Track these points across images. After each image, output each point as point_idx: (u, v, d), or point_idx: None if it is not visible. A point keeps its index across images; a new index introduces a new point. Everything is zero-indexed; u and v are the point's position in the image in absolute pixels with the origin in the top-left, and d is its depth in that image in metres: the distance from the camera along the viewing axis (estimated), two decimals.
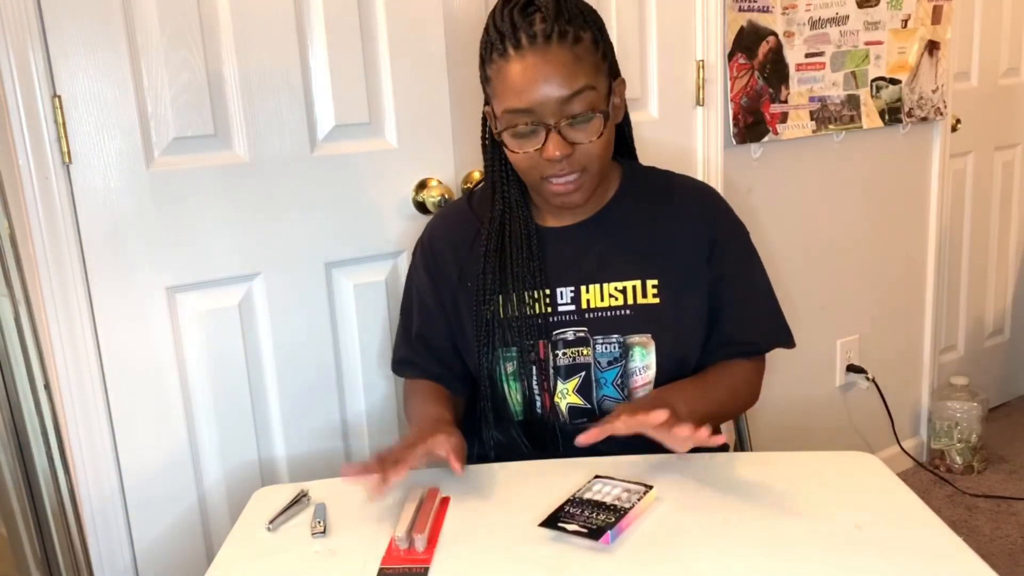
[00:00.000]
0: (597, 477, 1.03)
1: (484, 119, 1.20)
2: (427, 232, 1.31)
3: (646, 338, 1.17)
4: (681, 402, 1.09)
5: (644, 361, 1.17)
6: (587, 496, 0.98)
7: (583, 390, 1.18)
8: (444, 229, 1.29)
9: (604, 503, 0.96)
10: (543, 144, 1.07)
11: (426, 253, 1.28)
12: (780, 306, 1.29)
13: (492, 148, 1.21)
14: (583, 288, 1.18)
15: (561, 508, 0.96)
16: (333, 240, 1.49)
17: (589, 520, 0.93)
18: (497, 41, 1.07)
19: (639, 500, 0.96)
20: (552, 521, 0.93)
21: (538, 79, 1.04)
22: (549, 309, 1.18)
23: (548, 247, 1.20)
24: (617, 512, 0.94)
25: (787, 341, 1.28)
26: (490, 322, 1.19)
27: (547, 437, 1.20)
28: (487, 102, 1.16)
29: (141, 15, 1.30)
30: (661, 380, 1.18)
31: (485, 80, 1.13)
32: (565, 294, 1.18)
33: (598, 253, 1.19)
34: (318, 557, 0.94)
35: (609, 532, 0.90)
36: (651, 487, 0.99)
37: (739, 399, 1.26)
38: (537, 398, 1.19)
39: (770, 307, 1.28)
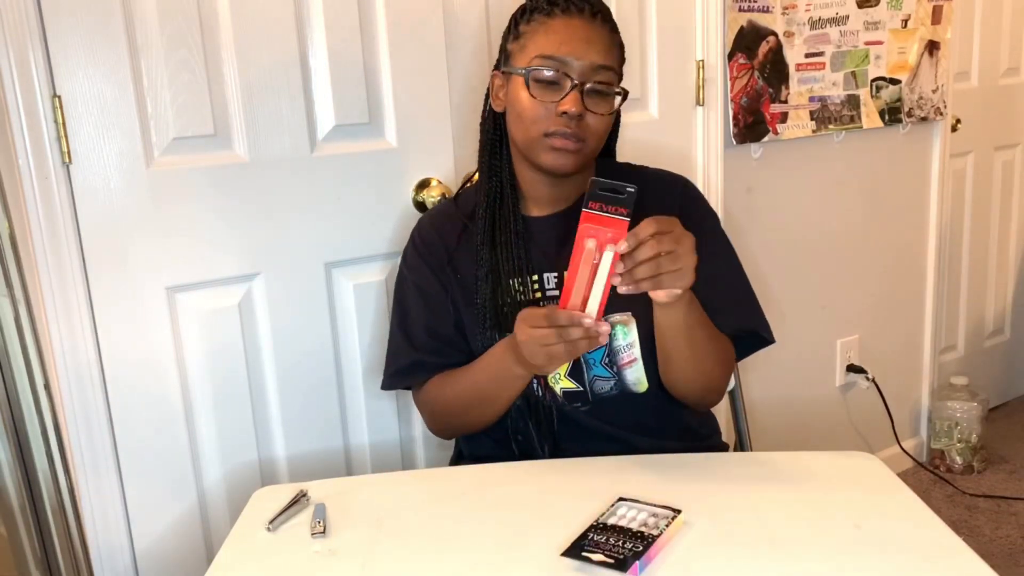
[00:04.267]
0: (621, 500, 0.97)
1: (487, 96, 1.25)
2: (415, 232, 1.33)
3: (626, 316, 1.19)
4: (687, 293, 1.05)
5: (627, 339, 1.20)
6: (611, 521, 0.93)
7: (575, 374, 1.21)
8: (431, 225, 1.32)
9: (630, 530, 0.90)
10: (563, 97, 1.13)
11: (419, 247, 1.30)
12: (755, 296, 1.25)
13: (492, 122, 1.25)
14: (566, 273, 1.19)
15: (585, 535, 0.90)
16: (333, 240, 1.49)
17: (615, 549, 0.87)
18: (544, 3, 1.16)
19: (667, 526, 0.90)
20: (575, 550, 0.88)
21: (582, 38, 1.13)
22: (539, 295, 1.22)
23: (533, 235, 1.24)
24: (644, 540, 0.88)
25: (758, 325, 1.23)
26: (483, 308, 1.21)
27: (543, 420, 1.21)
28: (500, 66, 1.22)
29: (141, 15, 1.30)
30: (646, 356, 1.20)
31: (515, 38, 1.19)
32: (550, 280, 1.22)
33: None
34: (318, 557, 0.94)
35: (637, 563, 0.85)
36: (678, 511, 0.93)
37: (719, 361, 1.19)
38: (534, 381, 1.20)
39: (739, 292, 1.24)
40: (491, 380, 1.19)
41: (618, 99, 1.16)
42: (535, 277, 1.22)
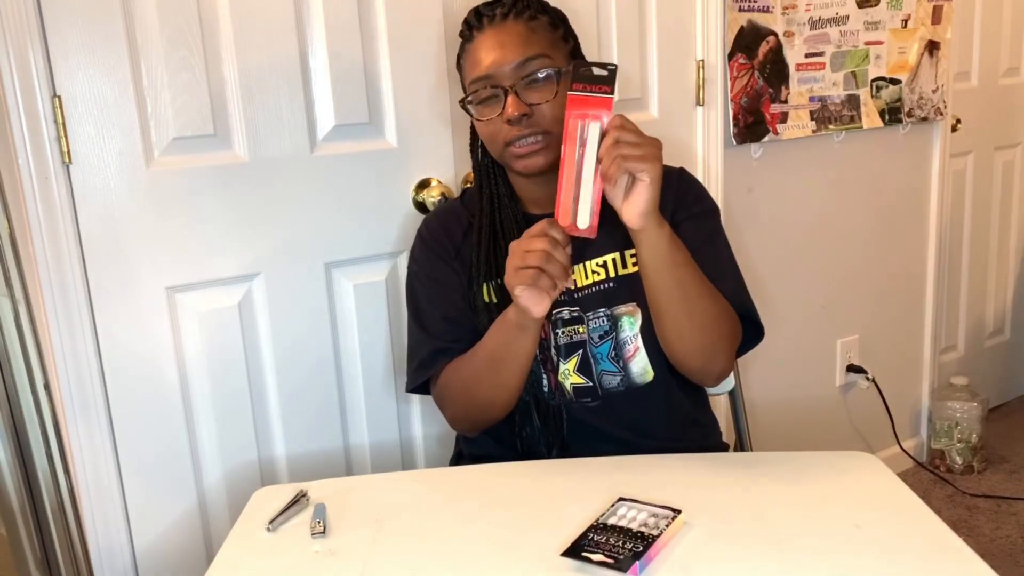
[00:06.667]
0: (621, 500, 0.97)
1: (472, 124, 1.27)
2: (422, 228, 1.33)
3: (632, 307, 1.20)
4: (666, 226, 1.07)
5: (633, 330, 1.20)
6: (611, 522, 0.93)
7: (583, 369, 1.21)
8: (438, 221, 1.32)
9: (630, 530, 0.91)
10: (503, 108, 1.15)
11: (427, 240, 1.30)
12: (746, 287, 1.23)
13: (480, 147, 1.28)
14: (570, 270, 1.19)
15: (585, 535, 0.90)
16: (333, 240, 1.49)
17: (615, 549, 0.87)
18: (465, 31, 1.21)
19: (667, 526, 0.90)
20: (575, 550, 0.88)
21: (495, 47, 1.16)
22: None
23: None
24: (644, 540, 0.88)
25: (750, 315, 1.21)
26: (489, 305, 1.21)
27: (551, 422, 1.22)
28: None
29: (141, 15, 1.30)
30: (651, 346, 1.20)
31: (460, 75, 1.24)
32: None
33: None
34: (318, 557, 0.94)
35: (637, 563, 0.85)
36: (678, 511, 0.93)
37: (718, 314, 1.14)
38: (544, 377, 1.21)
39: (733, 275, 1.23)
40: (496, 338, 1.16)
41: (554, 77, 1.15)
42: None
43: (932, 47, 2.22)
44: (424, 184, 1.54)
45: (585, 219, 1.02)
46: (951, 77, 2.29)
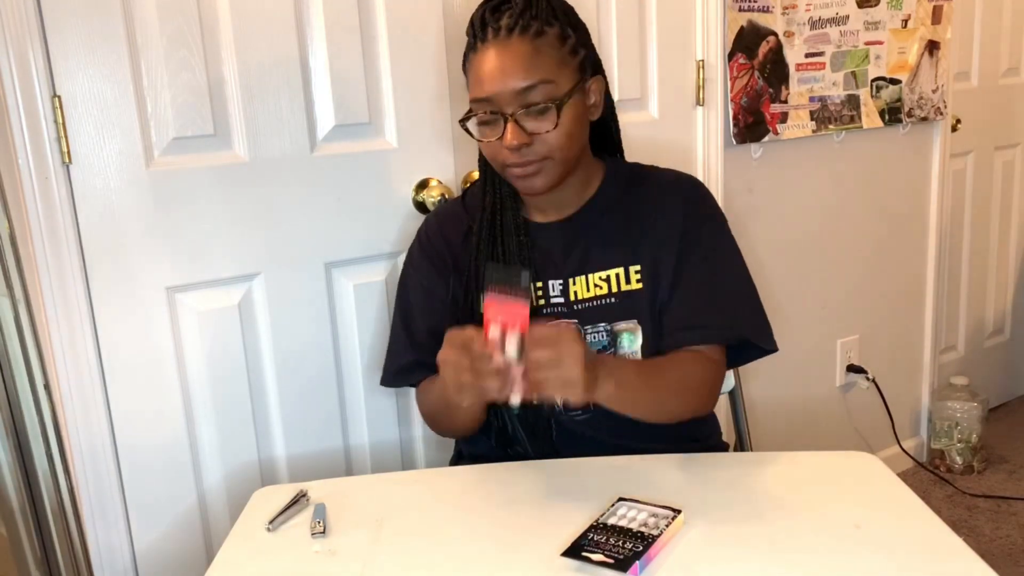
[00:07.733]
0: (621, 500, 0.98)
1: None
2: (422, 229, 1.33)
3: (632, 324, 1.19)
4: (606, 372, 1.00)
5: (632, 347, 1.19)
6: (611, 521, 0.93)
7: None
8: (438, 225, 1.32)
9: (630, 530, 0.91)
10: (502, 133, 1.11)
11: (424, 245, 1.30)
12: (758, 304, 1.22)
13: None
14: (571, 281, 1.20)
15: (585, 535, 0.91)
16: (333, 240, 1.49)
17: (615, 549, 0.87)
18: (471, 37, 1.15)
19: (667, 526, 0.91)
20: (576, 550, 0.88)
21: (496, 70, 1.10)
22: (542, 301, 1.21)
23: (537, 242, 1.23)
24: (644, 540, 0.89)
25: (755, 335, 1.19)
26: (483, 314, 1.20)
27: (541, 428, 1.21)
28: None
29: (141, 15, 1.30)
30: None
31: (466, 80, 1.19)
32: (555, 287, 1.21)
33: (583, 247, 1.21)
34: (318, 557, 0.94)
35: (637, 563, 0.85)
36: (678, 511, 0.93)
37: (687, 394, 1.15)
38: None
39: (736, 300, 1.21)
40: (440, 394, 1.14)
41: (555, 109, 1.09)
42: (539, 284, 1.21)
43: (932, 47, 2.22)
44: (424, 184, 1.54)
45: (516, 400, 0.97)
46: (951, 77, 2.29)
